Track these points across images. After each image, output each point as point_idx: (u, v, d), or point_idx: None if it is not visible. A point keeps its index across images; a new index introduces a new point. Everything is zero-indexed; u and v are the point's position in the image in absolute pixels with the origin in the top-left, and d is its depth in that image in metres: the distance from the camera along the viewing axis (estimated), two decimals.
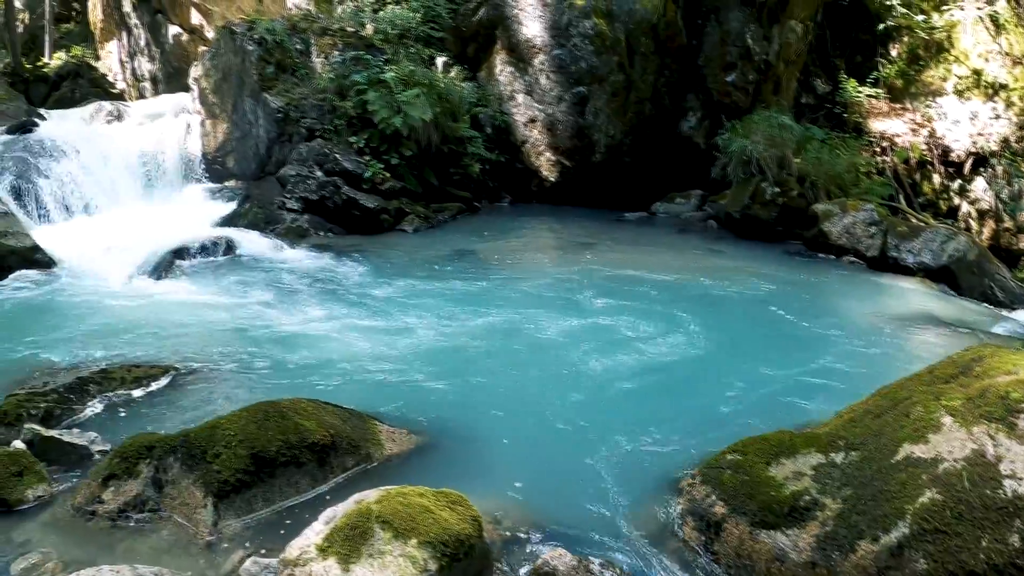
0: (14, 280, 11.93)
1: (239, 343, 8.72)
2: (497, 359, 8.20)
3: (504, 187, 17.82)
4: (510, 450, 6.27)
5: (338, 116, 15.93)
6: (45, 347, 8.72)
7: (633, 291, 10.73)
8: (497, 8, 17.40)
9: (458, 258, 12.73)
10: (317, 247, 13.33)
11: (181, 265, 12.43)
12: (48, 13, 31.08)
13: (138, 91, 28.02)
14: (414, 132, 15.51)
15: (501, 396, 7.23)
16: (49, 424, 6.47)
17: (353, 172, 15.10)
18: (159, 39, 27.17)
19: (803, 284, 11.75)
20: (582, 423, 6.73)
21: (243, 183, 16.33)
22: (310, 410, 5.85)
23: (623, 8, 16.42)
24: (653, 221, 16.37)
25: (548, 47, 16.83)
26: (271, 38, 16.90)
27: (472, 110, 17.16)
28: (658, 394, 7.39)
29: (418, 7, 17.72)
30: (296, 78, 16.79)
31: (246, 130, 16.65)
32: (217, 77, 17.37)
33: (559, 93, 16.87)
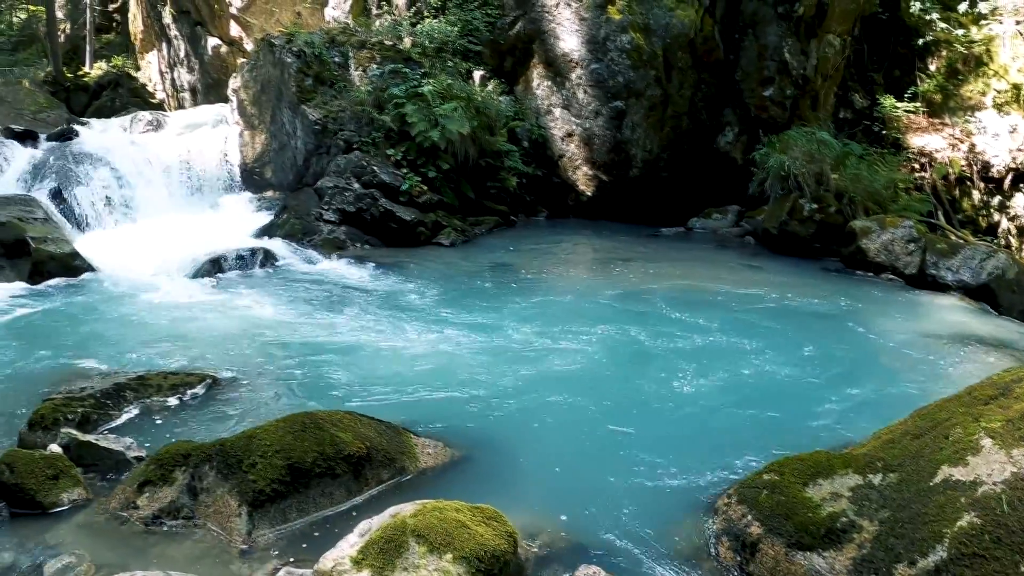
0: (53, 285, 12.08)
1: (275, 353, 8.76)
2: (533, 373, 8.16)
3: (541, 201, 17.80)
4: (545, 465, 6.25)
5: (376, 129, 15.99)
6: (82, 352, 8.80)
7: (669, 308, 10.67)
8: (534, 22, 17.43)
9: (495, 272, 12.72)
10: (354, 259, 13.36)
11: (218, 274, 12.54)
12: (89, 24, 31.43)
13: (177, 101, 28.27)
14: (451, 145, 15.54)
15: (537, 411, 7.21)
16: (86, 429, 6.52)
17: (390, 184, 15.14)
18: (198, 50, 27.39)
19: (840, 302, 11.63)
20: (617, 439, 6.70)
21: (280, 194, 16.44)
22: (346, 422, 5.86)
23: (660, 22, 16.39)
24: (690, 237, 16.31)
25: (585, 61, 16.83)
26: (310, 51, 17.00)
27: (509, 124, 17.18)
28: (694, 411, 7.34)
29: (456, 21, 17.77)
30: (334, 91, 16.86)
31: (284, 141, 16.74)
32: (256, 89, 17.49)
33: (596, 107, 16.86)
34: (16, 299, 11.34)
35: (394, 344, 9.06)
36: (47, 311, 10.77)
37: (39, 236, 12.74)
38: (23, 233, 12.65)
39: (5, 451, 5.74)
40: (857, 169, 15.43)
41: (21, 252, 12.47)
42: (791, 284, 12.49)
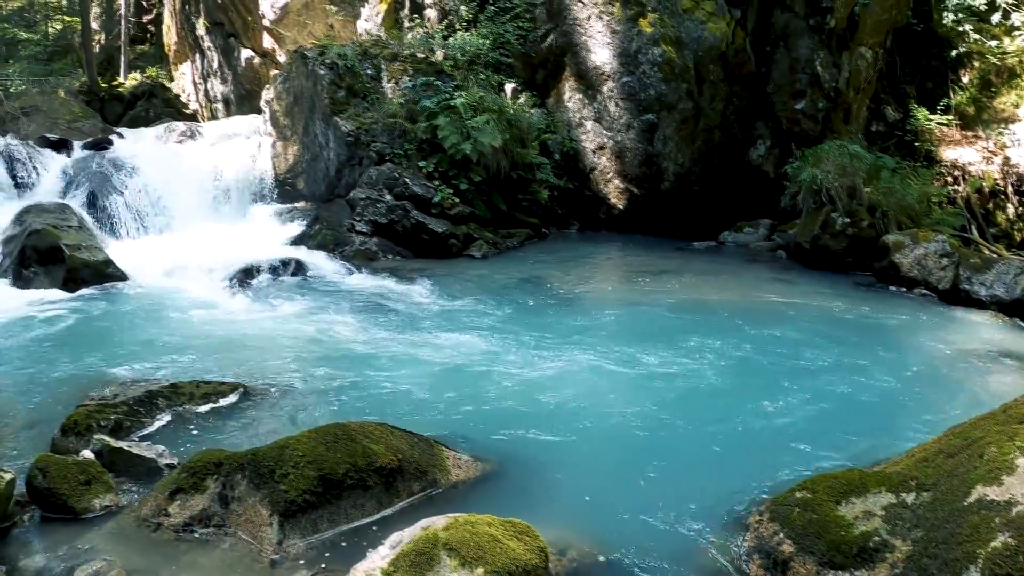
0: (86, 293, 12.21)
1: (306, 363, 8.79)
2: (563, 388, 8.14)
3: (572, 214, 17.80)
4: (575, 480, 6.22)
5: (408, 141, 16.05)
6: (115, 359, 8.89)
7: (701, 322, 10.65)
8: (566, 35, 17.44)
9: (526, 285, 12.70)
10: (385, 270, 13.43)
11: (251, 283, 12.65)
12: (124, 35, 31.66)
13: (210, 112, 28.43)
14: (483, 158, 15.58)
15: (567, 425, 7.19)
16: (118, 436, 6.56)
17: (422, 196, 15.20)
18: (231, 62, 27.54)
19: (873, 317, 11.55)
20: (648, 454, 6.68)
21: (313, 205, 16.50)
22: (378, 434, 5.87)
23: (692, 35, 16.38)
24: (721, 250, 16.25)
25: (617, 74, 16.82)
26: (342, 63, 17.08)
27: (541, 136, 17.19)
28: (725, 427, 7.29)
29: (488, 34, 17.81)
30: (367, 103, 16.93)
31: (316, 153, 16.81)
32: (289, 100, 17.58)
33: (628, 120, 16.85)
34: (50, 306, 11.48)
35: (425, 356, 9.08)
36: (80, 318, 10.89)
37: (73, 244, 12.85)
38: (57, 240, 12.78)
39: (38, 456, 5.79)
40: (890, 183, 15.33)
41: (55, 259, 12.61)
42: (823, 299, 12.43)
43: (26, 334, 10.11)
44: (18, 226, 13.40)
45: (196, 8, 28.74)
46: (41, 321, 10.70)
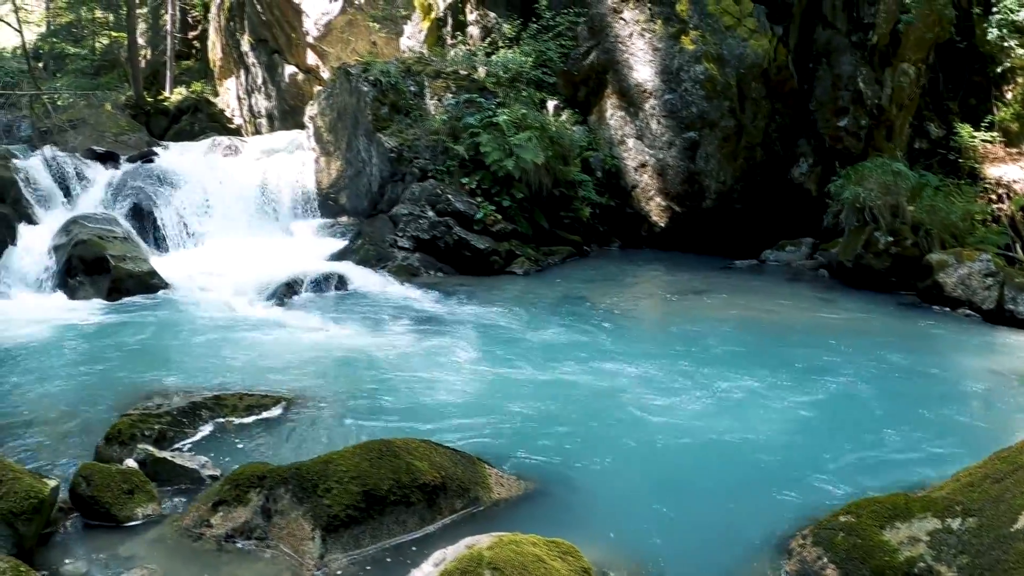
0: (130, 303, 12.36)
1: (349, 377, 8.83)
2: (606, 407, 8.11)
3: (614, 231, 17.78)
4: (618, 500, 6.20)
5: (451, 157, 16.11)
6: (158, 369, 8.99)
7: (743, 342, 10.60)
8: (608, 52, 17.45)
9: (568, 302, 12.67)
10: (427, 286, 13.44)
11: (294, 297, 12.72)
12: (169, 50, 31.98)
13: (254, 127, 28.67)
14: (526, 175, 15.60)
15: (609, 444, 7.16)
16: (161, 445, 6.62)
17: (465, 213, 15.23)
18: (275, 78, 27.78)
19: (917, 338, 11.45)
20: (691, 475, 6.66)
21: (355, 220, 16.60)
22: (422, 451, 5.86)
23: (734, 52, 16.33)
24: (763, 269, 16.14)
25: (659, 92, 16.80)
26: (386, 80, 17.18)
27: (583, 154, 17.20)
28: (767, 448, 7.23)
29: (530, 51, 17.85)
30: (410, 119, 17.01)
31: (359, 168, 16.90)
32: (332, 116, 17.69)
33: (670, 138, 16.82)
34: (95, 315, 11.64)
35: (467, 372, 9.09)
36: (124, 328, 11.01)
37: (118, 254, 13.01)
38: (103, 251, 12.94)
39: (82, 464, 5.85)
40: (933, 201, 15.17)
41: (101, 269, 12.78)
42: (866, 319, 12.35)
43: (71, 342, 10.24)
44: (65, 236, 13.55)
45: (241, 25, 29.05)
46: (86, 330, 10.84)
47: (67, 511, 5.61)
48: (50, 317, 11.39)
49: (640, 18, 16.94)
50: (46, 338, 10.40)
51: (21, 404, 8.08)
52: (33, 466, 5.88)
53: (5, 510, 5.06)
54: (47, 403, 8.12)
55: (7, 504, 5.08)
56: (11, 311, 11.70)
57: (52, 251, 13.45)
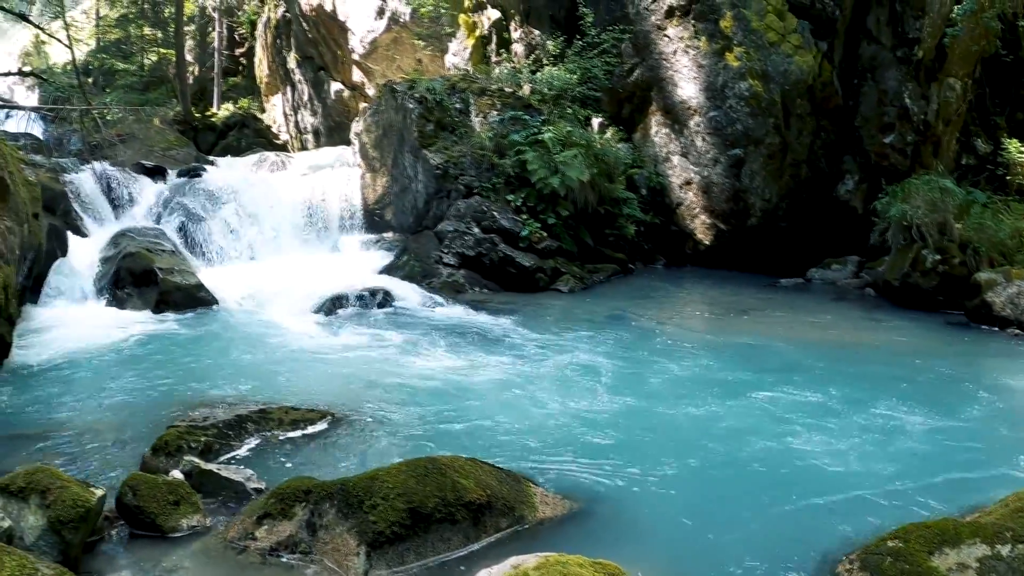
0: (178, 315, 12.44)
1: (394, 393, 8.80)
2: (651, 426, 8.06)
3: (658, 249, 17.77)
4: (663, 522, 6.12)
5: (496, 174, 16.17)
6: (204, 382, 9.03)
7: (789, 363, 10.49)
8: (652, 69, 17.45)
9: (613, 321, 12.62)
10: (472, 303, 13.46)
11: (339, 312, 12.75)
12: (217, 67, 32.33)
13: (300, 143, 28.88)
14: (571, 192, 15.63)
15: (654, 464, 7.07)
16: (207, 457, 6.64)
17: (510, 230, 15.27)
18: (321, 94, 27.96)
19: (965, 359, 11.29)
20: (737, 495, 6.57)
21: (400, 236, 16.65)
22: (468, 468, 5.84)
23: (778, 69, 16.28)
24: (808, 288, 16.05)
25: (703, 109, 16.78)
26: (431, 97, 17.26)
27: (628, 171, 17.20)
28: (815, 469, 7.14)
29: (575, 68, 17.86)
30: (455, 136, 17.08)
31: (405, 184, 16.97)
32: (378, 133, 17.79)
33: (715, 155, 16.79)
34: (143, 327, 11.72)
35: (511, 390, 9.06)
36: (171, 340, 11.09)
37: (166, 267, 13.12)
38: (151, 264, 13.06)
39: (130, 474, 5.87)
40: (981, 218, 14.99)
41: (148, 282, 12.89)
42: (912, 340, 12.23)
43: (119, 353, 10.32)
44: (114, 248, 13.70)
45: (287, 42, 29.30)
46: (134, 341, 10.91)
47: (113, 520, 5.64)
48: (98, 327, 11.49)
49: (684, 35, 16.96)
50: (94, 348, 10.49)
51: (69, 413, 8.15)
52: (80, 475, 5.92)
53: (53, 518, 5.10)
54: (94, 412, 8.19)
55: (55, 512, 5.12)
56: (60, 321, 11.80)
57: (101, 263, 13.58)
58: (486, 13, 20.82)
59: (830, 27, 16.66)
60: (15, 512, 5.20)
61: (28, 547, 5.03)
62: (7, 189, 9.92)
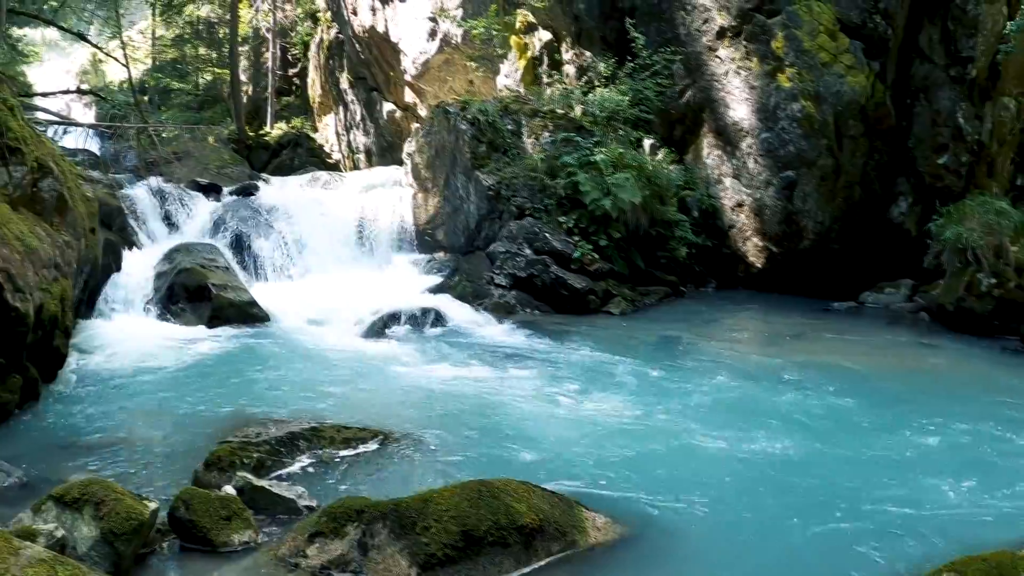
0: (230, 331, 12.56)
1: (445, 414, 8.81)
2: (705, 451, 7.98)
3: (710, 272, 17.67)
4: (714, 548, 6.08)
5: (548, 196, 16.20)
6: (256, 398, 9.12)
7: (842, 388, 10.29)
8: (704, 91, 17.41)
9: (665, 344, 12.56)
10: (524, 324, 13.42)
11: (391, 331, 12.80)
12: (270, 87, 32.61)
13: (352, 162, 29.09)
14: (623, 214, 15.61)
15: (706, 489, 7.02)
16: (259, 474, 6.68)
17: (562, 252, 15.26)
18: (374, 114, 28.15)
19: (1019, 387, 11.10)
20: (791, 523, 6.48)
21: (452, 256, 16.70)
22: (521, 492, 5.82)
23: (831, 90, 16.14)
24: (861, 312, 15.85)
25: (756, 130, 16.70)
26: (483, 118, 17.33)
27: (679, 193, 17.14)
28: (870, 498, 7.01)
29: (627, 90, 17.81)
30: (507, 157, 17.15)
31: (457, 205, 17.03)
32: (430, 153, 17.88)
33: (767, 177, 16.68)
34: (195, 341, 11.87)
35: (563, 412, 9.03)
36: (224, 355, 11.21)
37: (220, 283, 13.25)
38: (205, 280, 13.20)
39: (183, 489, 5.92)
40: None
41: (202, 297, 13.05)
42: (967, 366, 12.08)
43: (173, 368, 10.44)
44: (168, 263, 13.85)
45: (340, 63, 29.57)
46: (186, 355, 11.04)
47: (164, 533, 5.69)
48: (152, 341, 11.65)
49: (736, 56, 16.90)
50: (147, 361, 10.63)
51: (122, 425, 8.27)
52: (133, 487, 5.95)
53: (106, 529, 5.17)
54: (147, 425, 8.30)
55: (108, 524, 5.19)
56: (114, 334, 11.94)
57: (155, 277, 13.75)
58: (537, 35, 20.87)
59: (882, 47, 16.49)
60: (68, 522, 5.27)
61: (80, 557, 5.09)
62: (66, 204, 10.06)
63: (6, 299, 8.02)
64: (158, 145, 21.85)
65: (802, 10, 16.30)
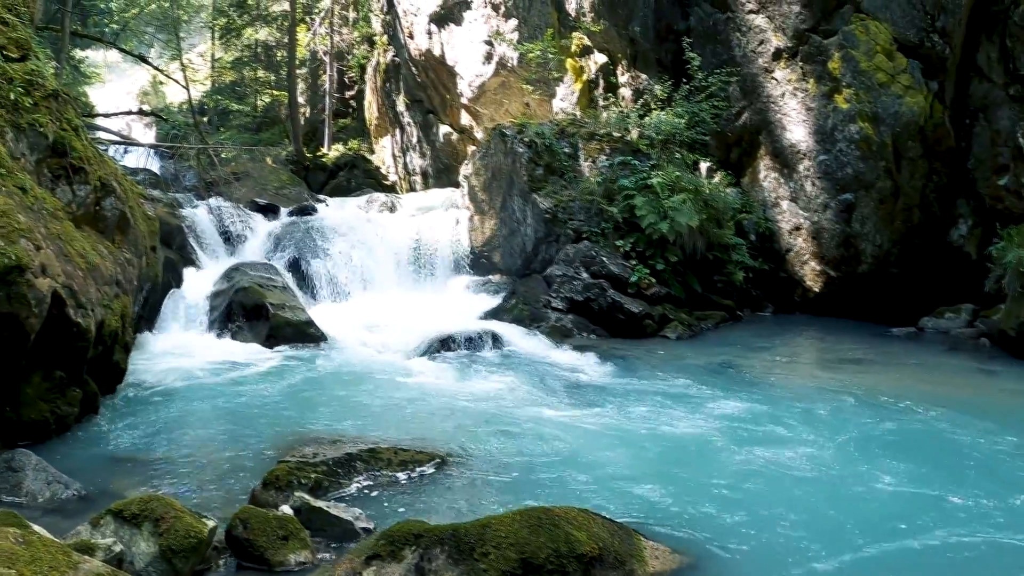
0: (287, 350, 12.70)
1: (502, 437, 8.75)
2: (765, 479, 7.84)
3: (767, 296, 17.51)
4: None
5: (605, 219, 16.20)
6: (313, 418, 9.18)
7: (903, 419, 10.05)
8: (760, 113, 17.33)
9: (724, 370, 12.36)
10: (581, 348, 13.32)
11: (447, 353, 12.77)
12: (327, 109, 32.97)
13: (409, 184, 29.29)
14: (680, 238, 15.57)
15: (768, 518, 6.90)
16: (317, 494, 6.70)
17: (619, 276, 15.24)
18: (430, 137, 28.35)
19: None
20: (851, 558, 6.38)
21: (508, 279, 16.74)
22: (580, 520, 5.77)
23: (888, 111, 15.97)
24: (920, 337, 15.54)
25: (813, 152, 16.56)
26: (540, 141, 17.38)
27: (736, 216, 17.04)
28: (933, 532, 6.79)
29: (683, 113, 17.77)
30: (564, 180, 17.16)
31: (513, 228, 17.07)
32: (487, 176, 17.94)
33: (825, 200, 16.54)
34: (253, 360, 12.01)
35: (620, 437, 8.94)
36: (281, 374, 11.30)
37: (277, 303, 13.40)
38: (263, 299, 13.35)
39: (241, 508, 5.98)
40: None
41: (259, 316, 13.21)
42: None
43: (229, 384, 10.58)
44: (227, 282, 14.04)
45: (396, 86, 29.80)
46: (244, 373, 11.16)
47: (221, 551, 5.74)
48: (210, 358, 11.82)
49: (792, 77, 16.81)
50: (205, 378, 10.78)
51: (180, 441, 8.37)
52: (189, 503, 5.99)
53: (164, 546, 5.25)
54: (204, 442, 8.40)
55: (167, 540, 5.26)
56: (173, 350, 12.16)
57: (214, 295, 13.96)
58: (593, 57, 20.90)
59: (940, 66, 16.28)
60: (127, 537, 5.33)
61: (137, 572, 5.18)
62: (127, 223, 10.22)
63: (68, 314, 8.15)
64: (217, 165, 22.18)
65: (858, 30, 16.18)
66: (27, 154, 9.11)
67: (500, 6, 23.14)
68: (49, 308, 7.88)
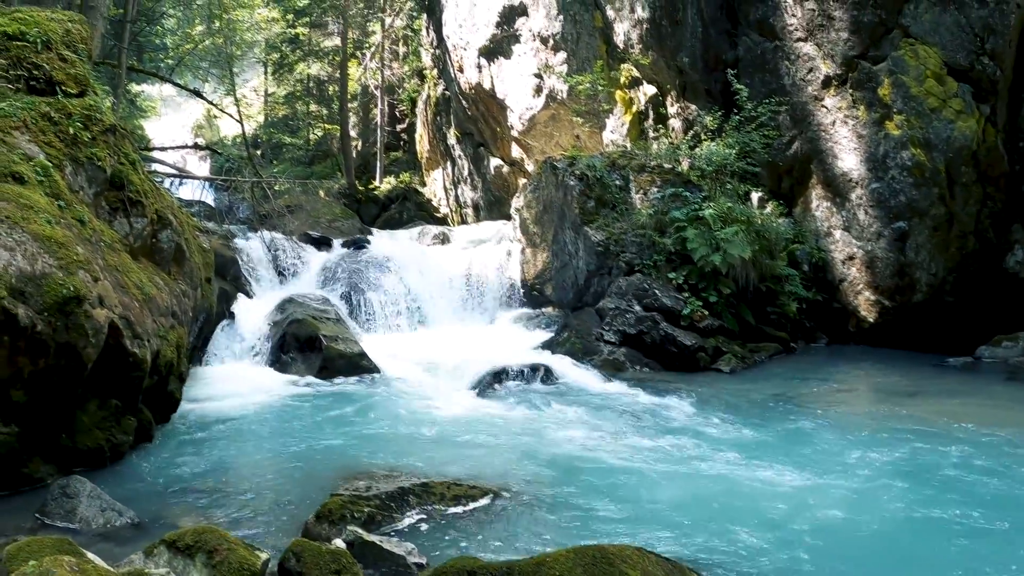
0: (340, 383, 12.80)
1: (556, 472, 8.73)
2: (822, 516, 7.69)
3: (820, 327, 17.32)
4: None
5: (657, 252, 16.16)
6: (366, 451, 9.19)
7: (963, 453, 9.74)
8: (811, 141, 17.22)
9: (777, 403, 12.20)
10: (634, 382, 13.27)
11: (500, 387, 12.75)
12: (379, 142, 33.23)
13: (460, 216, 29.40)
14: (732, 270, 15.49)
15: (824, 559, 6.77)
16: (369, 528, 6.68)
17: (671, 308, 15.16)
18: (481, 169, 28.46)
19: None
20: None
21: (560, 312, 16.74)
22: (635, 559, 5.68)
23: (941, 136, 15.78)
24: (977, 367, 15.25)
25: (865, 180, 16.43)
26: (591, 174, 17.40)
27: (788, 247, 16.90)
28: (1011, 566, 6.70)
29: (734, 143, 17.71)
30: (616, 213, 17.17)
31: (565, 260, 17.08)
32: (538, 208, 17.98)
33: (878, 229, 16.39)
34: (306, 391, 12.16)
35: (676, 473, 8.85)
36: (333, 406, 11.37)
37: (330, 335, 13.50)
38: (316, 331, 13.46)
39: (294, 541, 5.95)
40: None
41: (313, 348, 13.32)
42: None
43: (282, 415, 10.69)
44: (280, 313, 14.18)
45: (447, 119, 29.99)
46: (296, 405, 11.26)
47: None
48: (263, 389, 11.95)
49: (842, 105, 16.70)
50: (258, 409, 10.89)
51: (233, 471, 8.46)
52: (241, 535, 6.05)
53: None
54: (256, 473, 8.48)
55: (220, 572, 5.30)
56: (227, 380, 12.29)
57: (267, 327, 14.10)
58: (642, 89, 20.94)
59: (991, 89, 16.07)
60: (180, 568, 5.37)
61: None
62: (183, 255, 10.37)
63: (124, 344, 8.28)
64: (271, 198, 22.38)
65: (908, 55, 16.05)
66: (85, 187, 9.28)
67: (549, 39, 23.23)
68: (106, 338, 8.01)
